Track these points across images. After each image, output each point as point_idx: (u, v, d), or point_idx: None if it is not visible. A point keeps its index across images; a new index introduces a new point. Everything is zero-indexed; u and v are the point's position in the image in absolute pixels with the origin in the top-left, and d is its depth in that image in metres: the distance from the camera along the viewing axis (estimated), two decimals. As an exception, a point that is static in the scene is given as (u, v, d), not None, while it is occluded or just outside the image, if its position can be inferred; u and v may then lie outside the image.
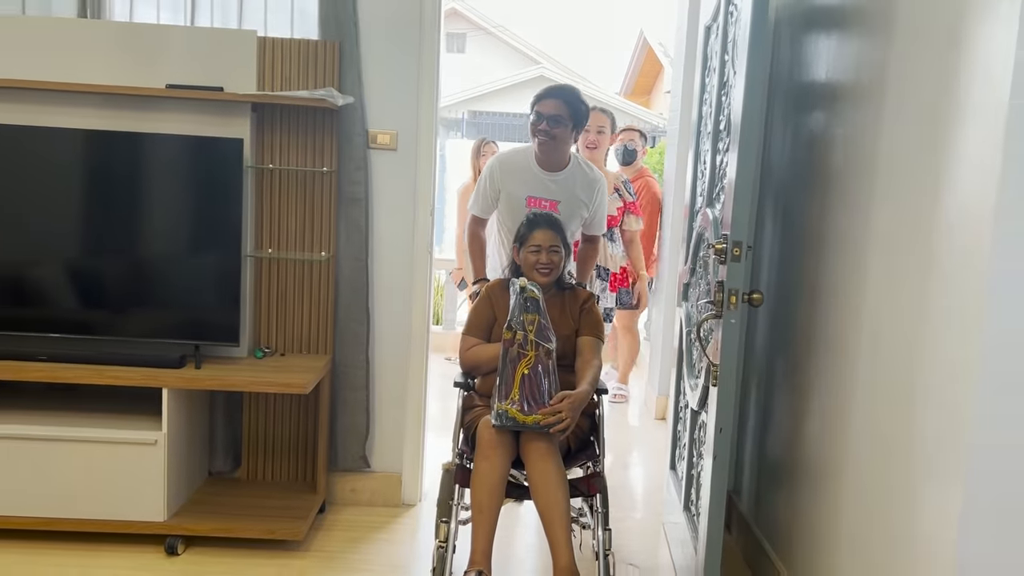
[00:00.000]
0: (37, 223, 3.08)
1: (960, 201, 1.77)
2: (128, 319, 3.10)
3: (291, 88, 3.18)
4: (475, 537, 2.54)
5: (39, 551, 2.90)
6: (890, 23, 2.20)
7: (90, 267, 3.10)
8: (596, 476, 2.69)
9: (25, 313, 3.10)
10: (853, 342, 2.31)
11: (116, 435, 2.90)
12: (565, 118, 3.10)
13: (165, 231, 3.11)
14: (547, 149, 3.15)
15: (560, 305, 2.90)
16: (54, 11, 3.37)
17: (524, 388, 2.61)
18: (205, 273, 3.08)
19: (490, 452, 2.58)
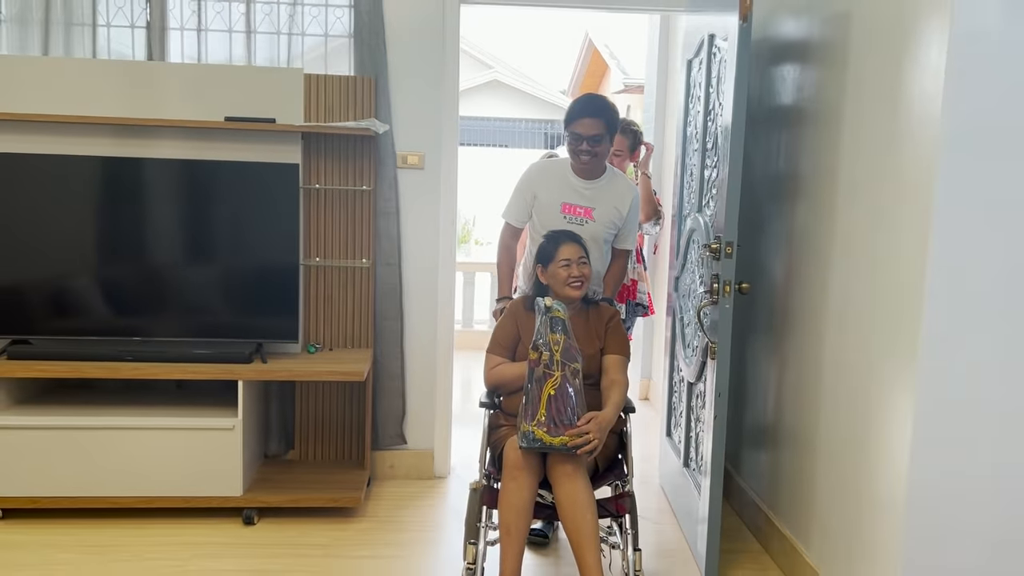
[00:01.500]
0: (126, 241, 3.51)
1: (905, 208, 2.36)
2: (200, 322, 3.55)
3: (333, 117, 3.66)
4: (504, 559, 2.56)
5: (139, 525, 3.34)
6: (845, 57, 2.79)
7: (168, 278, 3.54)
8: (625, 496, 2.74)
9: (114, 320, 3.52)
10: (821, 323, 2.90)
11: (199, 423, 3.36)
12: (603, 134, 3.09)
13: (232, 245, 3.56)
14: (590, 167, 3.17)
15: (585, 322, 2.90)
16: (124, 54, 3.77)
17: (551, 409, 2.59)
18: (267, 280, 3.54)
19: (517, 473, 2.58)
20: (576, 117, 3.09)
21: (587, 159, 3.12)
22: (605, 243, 3.24)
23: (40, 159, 3.44)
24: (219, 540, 3.26)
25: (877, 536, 2.47)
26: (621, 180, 3.29)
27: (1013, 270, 2.25)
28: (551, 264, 2.88)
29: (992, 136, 2.21)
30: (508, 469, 2.59)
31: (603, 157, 3.18)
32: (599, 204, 3.20)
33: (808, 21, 3.11)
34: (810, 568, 2.90)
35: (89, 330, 3.51)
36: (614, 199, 3.22)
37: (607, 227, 3.22)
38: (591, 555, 2.51)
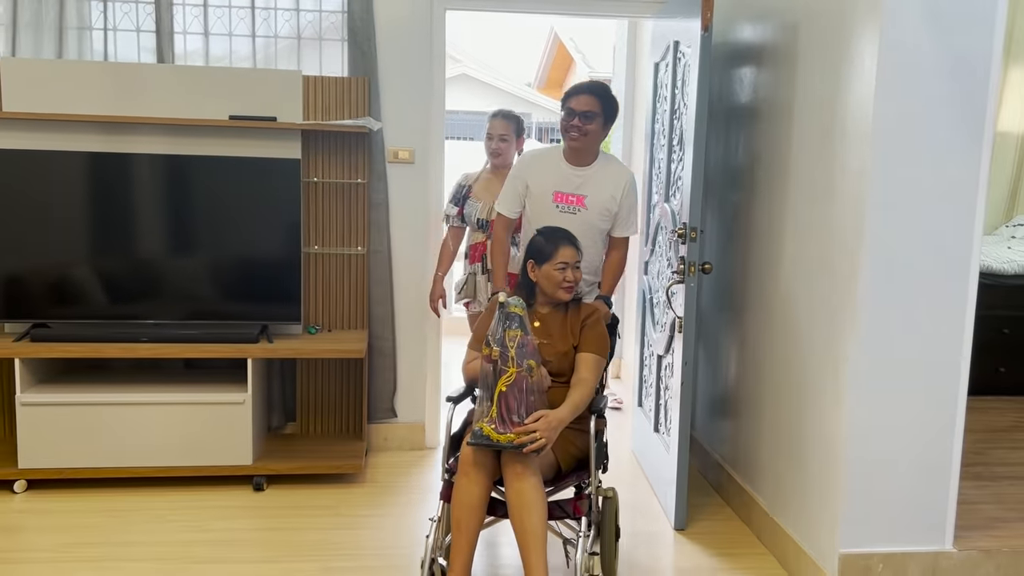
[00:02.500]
0: (139, 231, 3.78)
1: (845, 194, 2.74)
2: (209, 306, 3.84)
3: (330, 116, 3.96)
4: (454, 554, 2.56)
5: (157, 493, 3.63)
6: (794, 62, 3.16)
7: (180, 265, 3.82)
8: (583, 498, 2.69)
9: (129, 304, 3.80)
10: (774, 298, 3.27)
11: (212, 398, 3.65)
12: (597, 113, 3.12)
13: (239, 234, 3.84)
14: (578, 146, 3.17)
15: (562, 319, 2.88)
16: (131, 57, 4.03)
17: (501, 406, 2.56)
18: (272, 267, 3.84)
19: (469, 469, 2.57)
20: (573, 93, 3.16)
21: (576, 136, 3.13)
22: (600, 231, 3.25)
23: (59, 155, 3.70)
24: (233, 504, 3.56)
25: (821, 478, 2.86)
26: (614, 165, 3.28)
27: (931, 245, 2.65)
28: (546, 264, 2.83)
29: (914, 131, 2.59)
30: (461, 465, 2.59)
31: (594, 140, 3.18)
32: (591, 191, 3.19)
33: (762, 29, 3.48)
34: (766, 515, 3.28)
35: (105, 314, 3.78)
36: (606, 185, 3.20)
37: (601, 215, 3.21)
38: (535, 555, 2.48)
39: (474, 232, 3.96)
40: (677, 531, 3.42)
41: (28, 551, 3.10)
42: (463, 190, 3.96)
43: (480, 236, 3.92)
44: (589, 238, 3.18)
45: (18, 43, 3.83)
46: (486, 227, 3.86)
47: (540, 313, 2.91)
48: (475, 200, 3.91)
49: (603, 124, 3.19)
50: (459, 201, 3.95)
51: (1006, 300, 4.56)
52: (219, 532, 3.30)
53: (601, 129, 3.19)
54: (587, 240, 3.14)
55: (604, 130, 3.22)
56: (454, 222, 3.98)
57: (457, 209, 3.95)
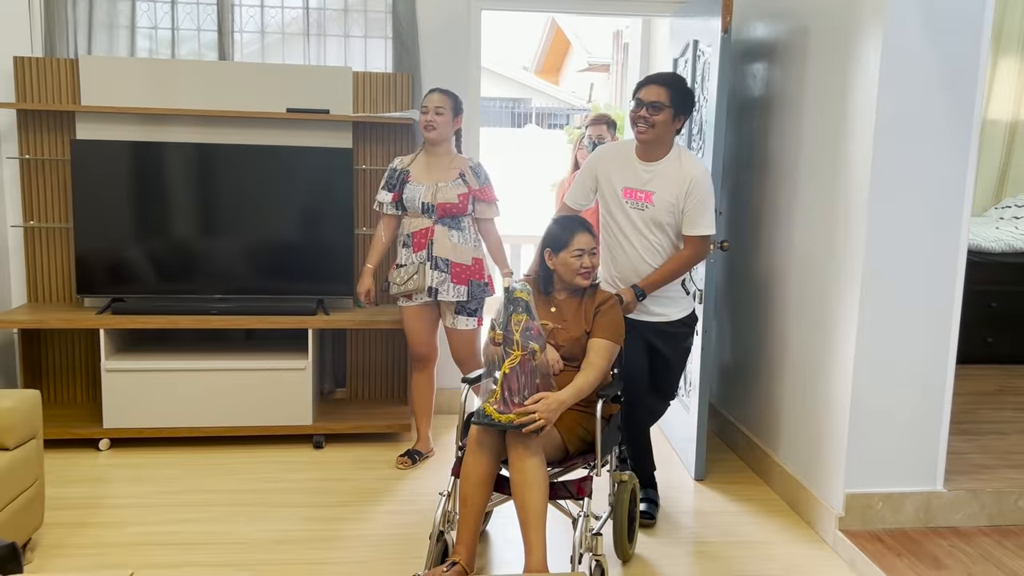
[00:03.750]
0: (205, 215, 4.14)
1: (851, 179, 3.12)
2: (270, 282, 4.21)
3: (377, 108, 4.32)
4: (459, 529, 2.68)
5: (228, 450, 4.03)
6: (804, 60, 3.53)
7: (244, 244, 4.18)
8: (587, 479, 2.74)
9: (198, 281, 4.17)
10: (787, 278, 3.66)
11: (276, 364, 4.04)
12: (665, 104, 3.03)
13: (297, 217, 4.21)
14: (646, 138, 3.07)
15: (577, 305, 2.95)
16: (192, 55, 4.39)
17: (504, 387, 2.64)
18: (328, 246, 4.21)
19: (475, 448, 2.69)
20: (642, 84, 3.11)
21: (643, 129, 3.04)
22: (668, 227, 3.14)
23: (134, 145, 4.06)
24: (297, 460, 3.96)
25: (829, 431, 3.26)
26: (685, 161, 3.11)
27: (926, 225, 3.04)
28: (563, 252, 2.89)
29: (911, 123, 2.98)
30: (468, 444, 2.72)
31: (663, 133, 3.06)
32: (659, 187, 3.10)
33: (775, 29, 3.85)
34: (778, 466, 3.69)
35: (175, 290, 4.16)
36: (675, 181, 3.08)
37: (666, 211, 3.10)
38: (535, 532, 2.57)
39: (417, 218, 3.70)
40: (697, 481, 3.83)
41: (120, 497, 3.49)
42: (398, 175, 3.73)
43: (426, 221, 3.68)
44: (654, 234, 3.15)
45: (93, 42, 4.18)
46: (432, 211, 3.67)
47: (557, 299, 2.99)
48: (416, 183, 3.68)
49: (673, 116, 3.06)
50: (394, 187, 3.72)
51: (993, 276, 4.96)
52: (289, 482, 3.70)
53: (671, 121, 3.06)
54: (652, 236, 3.15)
55: (675, 123, 3.08)
56: (388, 209, 3.75)
57: (392, 195, 3.72)
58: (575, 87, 20.78)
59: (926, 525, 3.20)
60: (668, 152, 3.14)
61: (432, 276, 3.68)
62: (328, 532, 3.24)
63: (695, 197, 3.08)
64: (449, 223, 3.69)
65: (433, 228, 3.68)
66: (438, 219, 3.67)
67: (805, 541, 3.27)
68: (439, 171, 3.69)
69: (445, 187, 3.67)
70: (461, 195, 3.68)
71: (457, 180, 3.70)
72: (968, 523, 3.22)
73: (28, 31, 4.15)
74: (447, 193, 3.66)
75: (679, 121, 3.11)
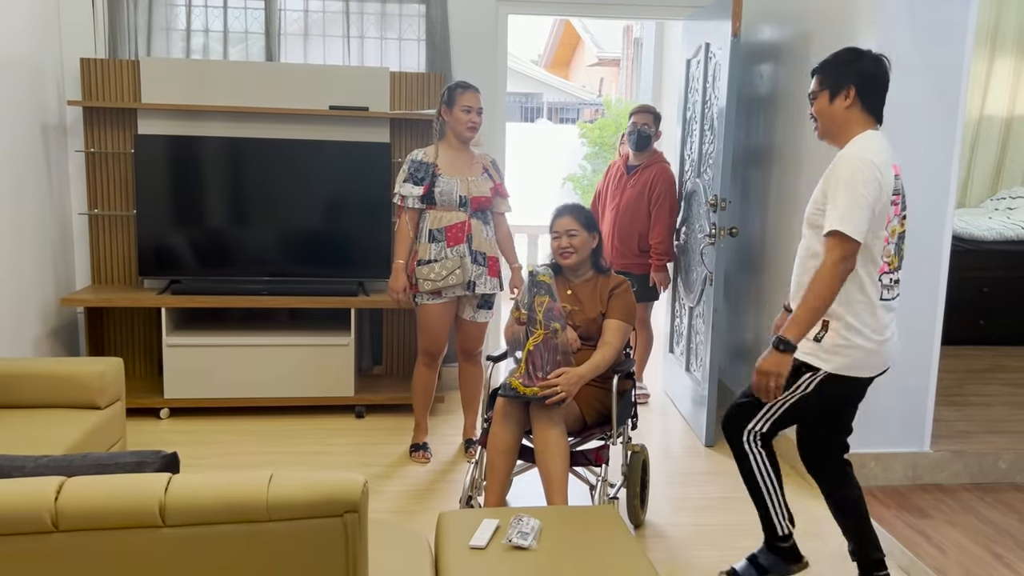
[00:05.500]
0: (253, 204, 4.51)
1: (847, 172, 3.46)
2: (314, 266, 4.58)
3: (412, 106, 4.68)
4: (487, 493, 2.94)
5: (277, 419, 4.40)
6: (807, 61, 3.86)
7: (290, 230, 4.55)
8: (605, 448, 3.03)
9: (248, 264, 4.54)
10: (791, 259, 3.99)
11: (322, 341, 4.41)
12: (816, 91, 2.57)
13: (339, 206, 4.57)
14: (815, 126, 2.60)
15: (592, 288, 3.18)
16: (248, 56, 4.76)
17: (528, 363, 2.89)
18: (367, 233, 4.57)
19: (501, 419, 2.93)
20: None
21: (814, 126, 2.60)
22: (816, 228, 2.53)
23: (189, 139, 4.43)
24: (340, 427, 4.33)
25: (828, 398, 3.61)
26: (853, 143, 2.49)
27: (914, 214, 3.38)
28: (550, 235, 3.20)
29: (903, 122, 3.32)
30: (495, 415, 2.95)
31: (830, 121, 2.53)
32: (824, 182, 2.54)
33: (781, 32, 4.19)
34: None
35: (227, 272, 4.52)
36: (828, 171, 2.51)
37: (812, 205, 2.56)
38: (557, 495, 2.81)
39: (450, 211, 3.69)
40: (707, 447, 4.18)
41: (187, 458, 3.86)
42: (426, 168, 3.70)
43: (462, 215, 3.70)
44: (804, 235, 2.63)
45: (152, 44, 4.55)
46: (467, 205, 3.71)
47: (573, 283, 3.23)
48: (448, 177, 3.69)
49: (831, 97, 2.50)
50: (422, 180, 3.68)
51: (985, 263, 5.30)
52: (335, 446, 4.07)
53: (830, 105, 2.51)
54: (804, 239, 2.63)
55: (836, 103, 2.50)
56: (414, 203, 3.69)
57: (422, 188, 3.68)
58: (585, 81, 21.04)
59: (914, 482, 3.55)
60: (849, 141, 2.50)
61: (472, 270, 3.71)
62: (373, 488, 3.61)
63: (833, 185, 2.42)
64: (481, 216, 3.76)
65: (469, 222, 3.71)
66: (472, 213, 3.73)
67: (806, 496, 3.62)
68: (465, 166, 3.75)
69: (475, 181, 3.74)
70: (491, 188, 3.79)
71: (484, 174, 3.79)
72: (952, 481, 3.57)
73: (92, 35, 4.52)
74: (480, 187, 3.74)
75: (847, 100, 2.49)
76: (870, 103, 2.49)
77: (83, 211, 4.60)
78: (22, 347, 4.10)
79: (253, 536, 1.64)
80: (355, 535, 1.67)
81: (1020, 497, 3.50)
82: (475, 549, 2.24)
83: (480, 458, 3.10)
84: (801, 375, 2.54)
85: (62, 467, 1.68)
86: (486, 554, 2.22)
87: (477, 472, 3.10)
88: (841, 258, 2.37)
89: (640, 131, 4.56)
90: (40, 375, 3.16)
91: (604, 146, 11.27)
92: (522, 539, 2.26)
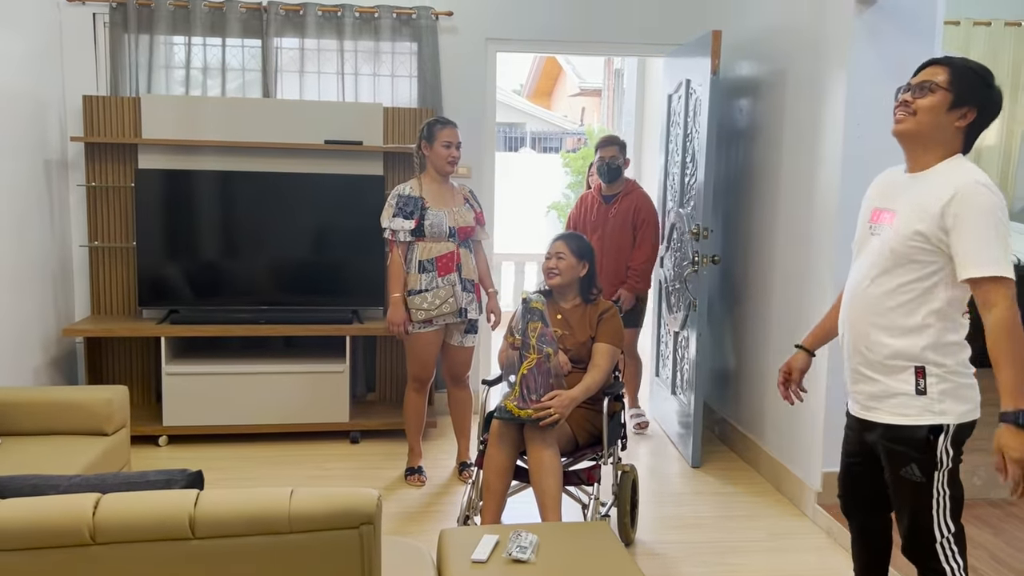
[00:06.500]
0: (250, 236, 4.64)
1: (823, 201, 3.65)
2: (310, 295, 4.71)
3: (404, 140, 4.83)
4: (483, 512, 3.03)
5: (272, 445, 4.51)
6: (783, 98, 4.07)
7: (286, 261, 4.68)
8: (596, 467, 3.16)
9: (245, 294, 4.66)
10: (770, 288, 4.18)
11: (317, 368, 4.53)
12: (939, 86, 2.16)
13: (334, 237, 4.71)
14: (903, 129, 2.22)
15: (581, 313, 3.33)
16: (245, 91, 4.91)
17: (523, 386, 3.00)
18: (361, 263, 4.71)
19: (496, 440, 3.04)
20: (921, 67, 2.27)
21: (901, 119, 2.21)
22: (914, 263, 2.15)
23: (187, 174, 4.56)
24: (337, 453, 4.44)
25: (809, 421, 3.77)
26: (958, 170, 2.13)
27: (889, 240, 3.56)
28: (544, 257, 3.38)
29: (873, 154, 3.49)
30: (490, 437, 3.07)
31: (932, 126, 2.16)
32: (906, 204, 2.19)
33: (758, 70, 4.39)
34: (765, 453, 4.19)
35: (225, 302, 4.64)
36: (930, 193, 2.13)
37: (906, 238, 2.15)
38: (551, 513, 2.94)
39: (439, 242, 3.84)
40: (694, 468, 4.32)
41: (189, 484, 3.96)
42: (415, 201, 3.84)
43: (450, 245, 3.86)
44: (889, 269, 2.21)
45: (153, 81, 4.70)
46: (455, 235, 3.87)
47: (563, 308, 3.36)
48: (436, 209, 3.84)
49: (951, 105, 2.14)
50: (411, 214, 3.81)
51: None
52: (332, 470, 4.18)
53: (945, 112, 2.14)
54: (883, 274, 2.22)
55: (952, 114, 2.15)
56: (405, 237, 3.81)
57: (413, 222, 3.80)
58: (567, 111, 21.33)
59: (892, 499, 3.69)
60: (943, 158, 2.19)
61: (463, 297, 3.89)
62: (374, 510, 3.72)
63: (957, 214, 2.07)
64: (466, 245, 3.93)
65: (458, 251, 3.88)
66: (460, 242, 3.90)
67: (789, 515, 3.77)
68: (449, 198, 3.91)
69: (460, 212, 3.91)
70: (474, 218, 3.98)
71: (466, 205, 3.96)
72: (928, 497, 3.71)
73: (95, 73, 4.67)
74: (465, 217, 3.91)
75: (963, 114, 2.16)
76: (974, 133, 2.20)
77: (84, 243, 4.72)
78: (23, 376, 4.19)
79: (276, 547, 1.76)
80: (370, 546, 1.80)
81: (994, 512, 3.65)
82: (477, 563, 2.36)
83: (477, 478, 3.20)
84: (935, 443, 2.15)
85: (95, 485, 1.79)
86: (487, 568, 2.34)
87: (474, 492, 3.20)
88: (1012, 301, 2.05)
89: (609, 164, 4.67)
90: (49, 403, 3.27)
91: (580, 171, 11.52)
92: (521, 553, 2.38)
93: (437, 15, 4.84)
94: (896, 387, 2.20)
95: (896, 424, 2.19)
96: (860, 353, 2.28)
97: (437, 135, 3.89)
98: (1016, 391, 2.01)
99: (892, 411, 2.21)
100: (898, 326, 2.19)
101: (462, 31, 4.94)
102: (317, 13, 4.75)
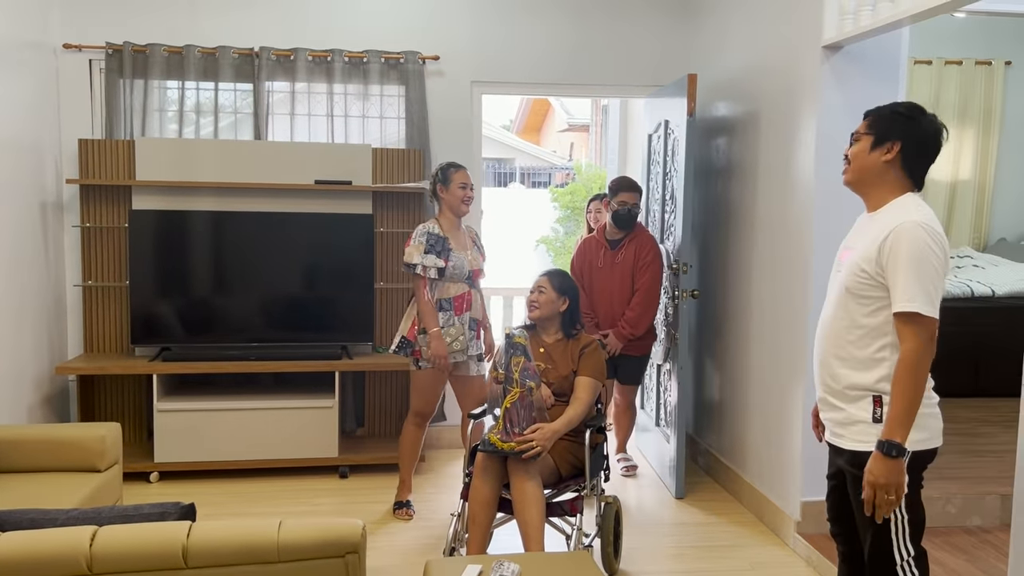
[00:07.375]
0: (242, 274, 4.74)
1: (795, 235, 3.78)
2: (300, 331, 4.80)
3: (393, 180, 4.96)
4: (469, 545, 3.10)
5: (264, 481, 4.57)
6: (757, 137, 4.22)
7: (276, 298, 4.78)
8: (579, 499, 3.23)
9: (236, 331, 4.75)
10: (748, 321, 4.29)
11: (306, 403, 4.61)
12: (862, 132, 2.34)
13: (324, 274, 4.82)
14: (846, 179, 2.40)
15: (564, 348, 3.42)
16: (237, 133, 5.04)
17: (506, 419, 3.07)
18: (351, 300, 4.81)
19: (481, 473, 3.10)
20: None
21: (844, 169, 2.38)
22: (862, 299, 2.27)
23: (181, 214, 4.67)
24: (326, 488, 4.51)
25: (788, 452, 3.86)
26: (900, 210, 2.24)
27: (860, 275, 3.68)
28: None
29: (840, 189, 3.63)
30: (475, 469, 3.15)
31: (868, 171, 2.31)
32: (859, 242, 2.32)
33: (734, 110, 4.55)
34: (746, 483, 4.27)
35: (216, 339, 4.73)
36: (873, 232, 2.26)
37: (854, 275, 2.28)
38: (534, 544, 3.00)
39: (457, 283, 3.95)
40: (677, 499, 4.40)
41: (180, 520, 4.02)
42: (443, 242, 3.92)
43: (465, 286, 3.97)
44: (840, 306, 2.34)
45: (147, 124, 4.82)
46: (471, 277, 4.01)
47: (546, 342, 3.45)
48: (458, 252, 3.94)
49: (873, 145, 2.28)
50: (440, 253, 3.89)
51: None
52: (321, 505, 4.25)
53: (869, 153, 2.29)
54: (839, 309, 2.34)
55: (876, 153, 2.28)
56: (434, 274, 3.88)
57: (443, 261, 3.88)
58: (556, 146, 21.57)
59: (869, 527, 3.77)
60: (892, 200, 2.29)
61: (470, 335, 3.99)
62: (362, 543, 3.78)
63: (892, 253, 2.18)
64: (475, 286, 4.05)
65: (470, 292, 3.99)
66: (472, 284, 4.02)
67: (770, 544, 3.85)
68: (463, 241, 4.02)
69: (472, 255, 4.03)
70: (482, 259, 4.11)
71: (475, 247, 4.09)
72: (904, 524, 3.79)
73: (90, 117, 4.79)
74: (477, 260, 4.05)
75: (889, 152, 2.27)
76: (911, 166, 2.28)
77: (77, 283, 4.81)
78: (17, 414, 4.26)
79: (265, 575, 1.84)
80: (355, 574, 1.88)
81: (968, 539, 3.74)
82: (460, 592, 2.44)
83: (462, 511, 3.27)
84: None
85: (91, 518, 1.88)
86: (471, 596, 2.42)
87: (459, 524, 3.27)
88: (929, 339, 2.15)
89: (630, 211, 4.44)
90: (43, 440, 3.34)
91: (575, 209, 11.64)
92: (504, 581, 2.46)
93: (424, 59, 5.00)
94: (857, 415, 2.31)
95: (857, 450, 2.30)
96: (825, 383, 2.41)
97: (452, 177, 4.01)
98: (896, 424, 2.15)
99: (854, 438, 2.33)
100: (855, 358, 2.30)
101: (448, 74, 5.09)
102: (307, 58, 4.90)
